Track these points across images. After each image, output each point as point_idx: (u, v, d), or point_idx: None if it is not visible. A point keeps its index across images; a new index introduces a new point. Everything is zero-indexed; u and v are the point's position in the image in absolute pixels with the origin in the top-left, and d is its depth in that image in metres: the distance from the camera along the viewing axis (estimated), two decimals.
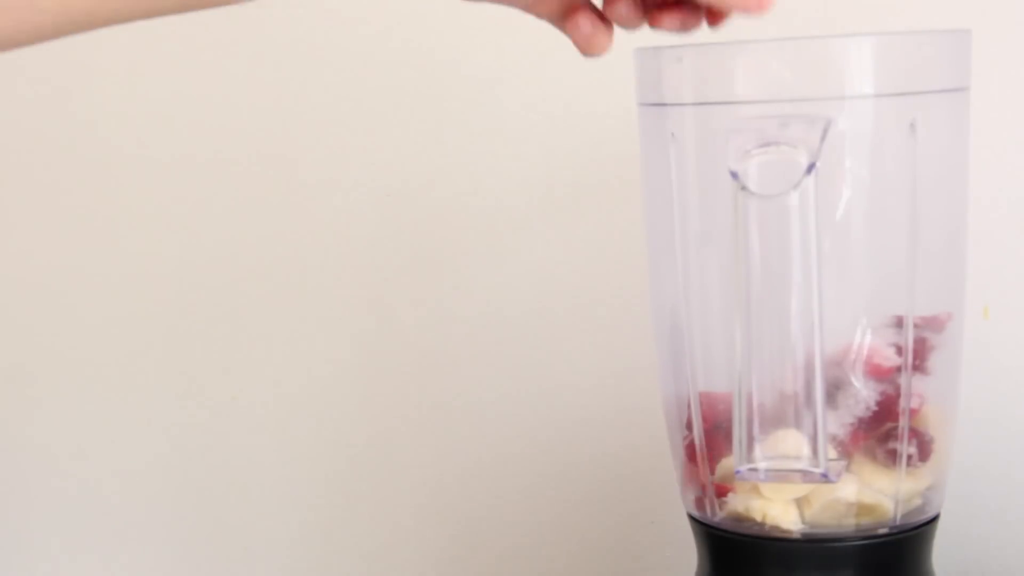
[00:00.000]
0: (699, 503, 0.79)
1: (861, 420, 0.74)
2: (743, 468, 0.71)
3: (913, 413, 0.75)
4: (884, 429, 0.74)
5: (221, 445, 1.18)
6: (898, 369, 0.74)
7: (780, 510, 0.75)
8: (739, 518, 0.76)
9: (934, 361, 0.76)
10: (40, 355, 1.23)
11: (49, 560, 1.22)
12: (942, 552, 0.80)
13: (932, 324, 0.76)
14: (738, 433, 0.71)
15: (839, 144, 0.71)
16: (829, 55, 0.72)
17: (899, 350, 0.74)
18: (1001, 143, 0.93)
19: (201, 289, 1.17)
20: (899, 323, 0.74)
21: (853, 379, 0.74)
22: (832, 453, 0.73)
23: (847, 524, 0.75)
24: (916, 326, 0.75)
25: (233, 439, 1.18)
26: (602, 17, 0.70)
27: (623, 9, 0.69)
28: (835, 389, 0.74)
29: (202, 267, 1.17)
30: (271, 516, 1.17)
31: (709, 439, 0.77)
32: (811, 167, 0.68)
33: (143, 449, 1.20)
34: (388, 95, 1.09)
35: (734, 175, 0.69)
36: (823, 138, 0.68)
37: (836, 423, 0.73)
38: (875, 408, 0.74)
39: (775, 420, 0.71)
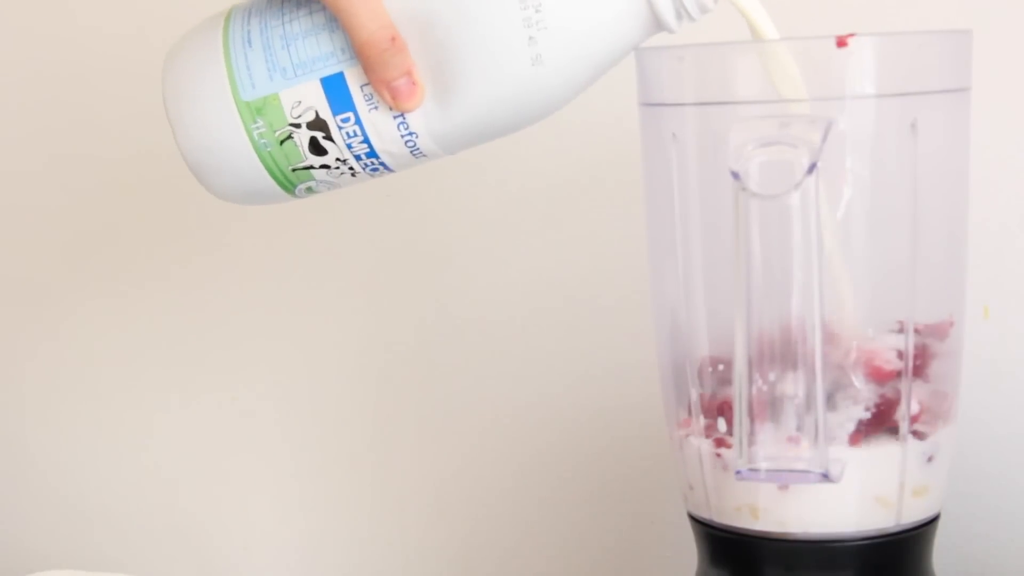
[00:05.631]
0: (699, 503, 0.78)
1: (861, 421, 0.74)
2: (743, 468, 0.71)
3: (913, 420, 0.75)
4: (884, 431, 0.74)
5: (221, 445, 1.18)
6: (898, 374, 0.74)
7: (780, 510, 0.75)
8: (739, 518, 0.76)
9: (936, 368, 0.76)
10: (39, 356, 1.23)
11: (49, 562, 1.22)
12: (942, 552, 0.80)
13: (935, 331, 0.76)
14: (738, 433, 0.71)
15: (839, 144, 0.71)
16: (829, 55, 0.72)
17: (900, 355, 0.74)
18: (1001, 143, 0.93)
19: (201, 288, 1.17)
20: (901, 328, 0.74)
21: (854, 379, 0.74)
22: (832, 453, 0.73)
23: (847, 524, 0.75)
24: (919, 332, 0.75)
25: (233, 439, 1.18)
26: None
27: None
28: (835, 390, 0.74)
29: (202, 266, 1.17)
30: (271, 516, 1.17)
31: (709, 439, 0.77)
32: (812, 167, 0.68)
33: (143, 449, 1.20)
34: None
35: (735, 175, 0.69)
36: (824, 138, 0.68)
37: (836, 423, 0.73)
38: (875, 410, 0.74)
39: (775, 420, 0.71)
